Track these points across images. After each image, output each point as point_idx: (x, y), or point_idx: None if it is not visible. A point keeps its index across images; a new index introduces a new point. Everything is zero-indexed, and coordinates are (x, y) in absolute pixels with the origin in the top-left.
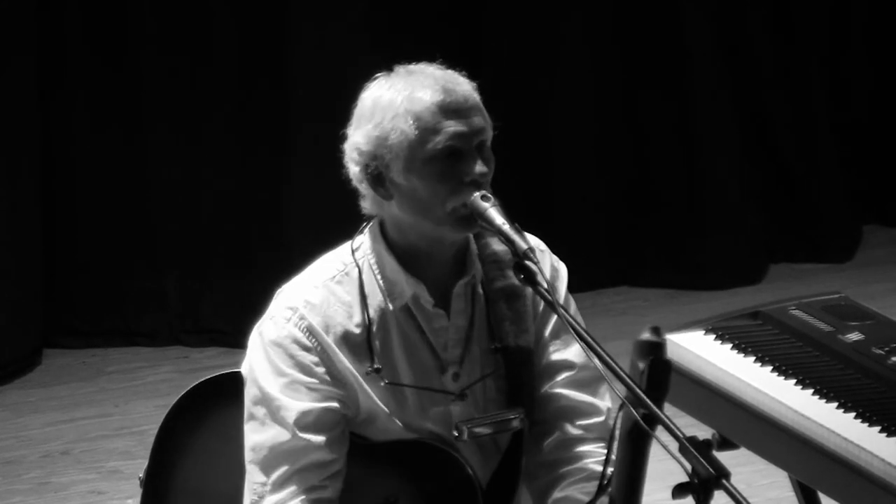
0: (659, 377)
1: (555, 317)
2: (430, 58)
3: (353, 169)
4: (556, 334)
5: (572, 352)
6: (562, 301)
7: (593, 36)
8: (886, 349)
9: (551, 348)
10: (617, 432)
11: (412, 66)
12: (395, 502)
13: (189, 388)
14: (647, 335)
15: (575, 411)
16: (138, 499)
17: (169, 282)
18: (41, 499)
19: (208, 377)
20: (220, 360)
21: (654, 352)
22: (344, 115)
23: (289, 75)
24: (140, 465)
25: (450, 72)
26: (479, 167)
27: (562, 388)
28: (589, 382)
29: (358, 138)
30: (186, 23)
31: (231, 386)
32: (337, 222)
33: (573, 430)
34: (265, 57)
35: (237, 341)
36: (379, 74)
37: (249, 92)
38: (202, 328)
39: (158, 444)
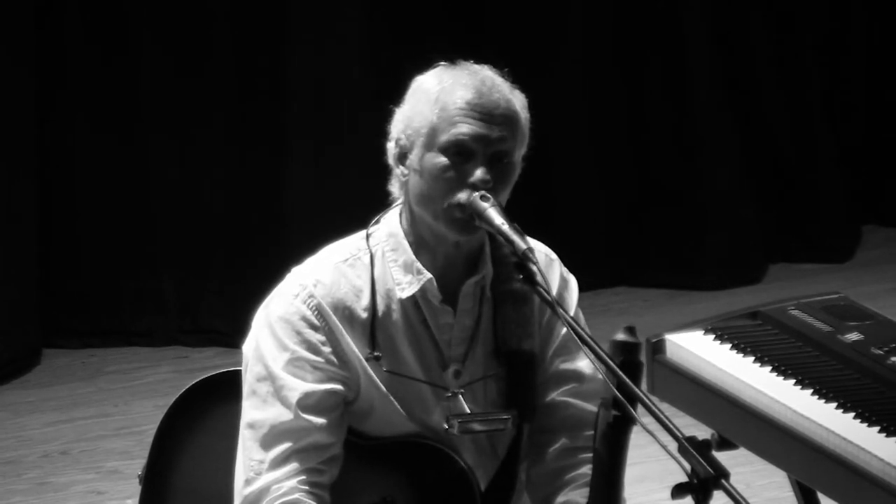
0: (630, 378)
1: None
2: (428, 63)
3: (388, 144)
4: (565, 344)
5: (582, 363)
6: (571, 313)
7: (593, 36)
8: (885, 349)
9: (561, 357)
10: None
11: (473, 65)
12: (392, 502)
13: (187, 386)
14: (621, 336)
15: (582, 422)
16: (137, 498)
17: (167, 282)
18: (40, 499)
19: (206, 376)
20: (219, 360)
21: (627, 352)
22: (342, 117)
23: (288, 77)
24: (139, 465)
25: (499, 79)
26: (482, 173)
27: (569, 398)
28: (597, 394)
29: (397, 115)
30: (186, 25)
31: (229, 385)
32: (336, 222)
33: (579, 440)
34: (264, 58)
35: (236, 341)
36: (440, 63)
37: (249, 93)
38: (201, 328)
39: (157, 443)
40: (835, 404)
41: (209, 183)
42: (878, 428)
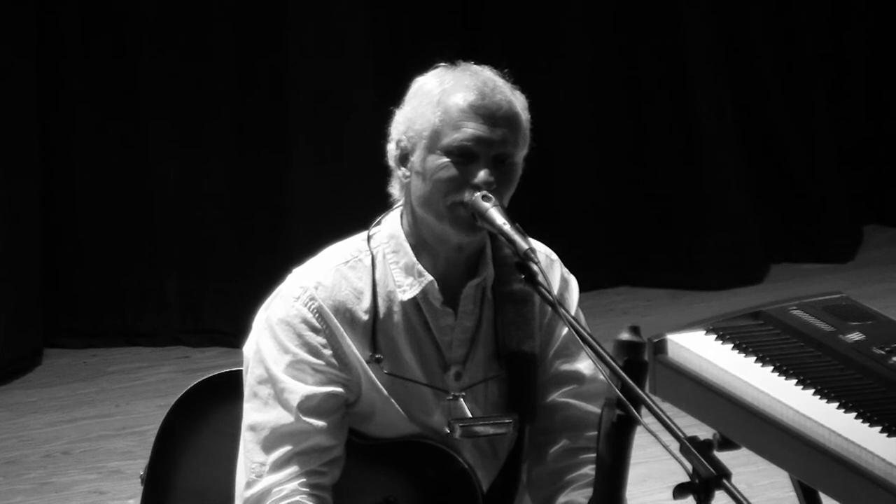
0: (634, 378)
1: (566, 328)
2: (428, 63)
3: (389, 145)
4: (566, 345)
5: (582, 364)
6: (572, 313)
7: (594, 35)
8: (887, 349)
9: (561, 358)
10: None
11: (474, 66)
12: (394, 502)
13: (189, 386)
14: (625, 335)
15: (583, 423)
16: (139, 498)
17: (169, 282)
18: (42, 499)
19: (208, 376)
20: (221, 359)
21: (632, 352)
22: (342, 117)
23: (288, 77)
24: (141, 465)
25: (500, 81)
26: (485, 175)
27: (570, 398)
28: (598, 395)
29: (398, 117)
30: (186, 25)
31: (230, 385)
32: (336, 222)
33: (580, 441)
34: (265, 58)
35: (237, 341)
36: (441, 64)
37: (249, 93)
38: (202, 328)
39: (159, 443)
40: (836, 404)
41: (210, 183)
42: (879, 428)
